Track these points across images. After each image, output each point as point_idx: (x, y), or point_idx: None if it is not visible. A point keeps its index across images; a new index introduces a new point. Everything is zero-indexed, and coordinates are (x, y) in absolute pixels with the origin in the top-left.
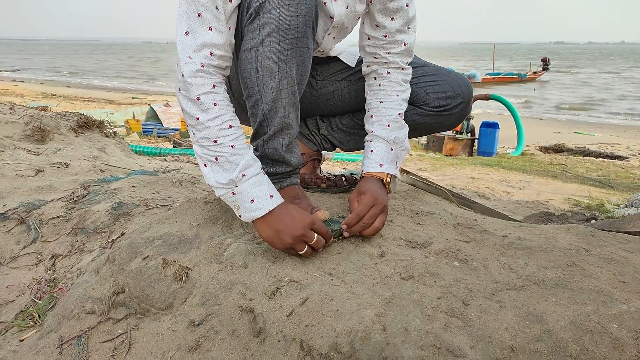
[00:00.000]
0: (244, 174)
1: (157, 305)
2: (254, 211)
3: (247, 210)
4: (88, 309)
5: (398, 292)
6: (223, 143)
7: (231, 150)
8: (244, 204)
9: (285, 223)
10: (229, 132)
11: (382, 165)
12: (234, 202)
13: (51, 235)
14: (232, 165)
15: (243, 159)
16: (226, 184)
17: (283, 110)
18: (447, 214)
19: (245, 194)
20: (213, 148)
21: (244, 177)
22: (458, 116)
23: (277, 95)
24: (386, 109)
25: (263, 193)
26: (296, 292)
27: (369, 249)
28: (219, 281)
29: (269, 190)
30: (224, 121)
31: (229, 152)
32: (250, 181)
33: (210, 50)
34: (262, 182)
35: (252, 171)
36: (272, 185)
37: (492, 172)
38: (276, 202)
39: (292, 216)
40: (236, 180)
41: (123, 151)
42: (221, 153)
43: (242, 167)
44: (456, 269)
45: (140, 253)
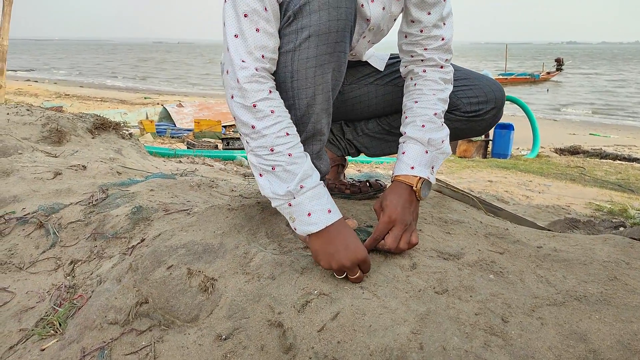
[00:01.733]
0: (302, 185)
1: (182, 317)
2: (310, 225)
3: (303, 223)
4: (110, 319)
5: (433, 307)
6: (280, 152)
7: (288, 159)
8: (300, 216)
9: (337, 249)
10: (286, 140)
11: (414, 167)
12: (290, 214)
13: (70, 240)
14: (290, 176)
15: (301, 168)
16: (283, 195)
17: (316, 116)
18: (477, 223)
19: (303, 206)
20: (270, 157)
21: (302, 188)
22: (490, 122)
23: (311, 100)
24: (420, 108)
25: (321, 207)
26: (326, 305)
27: (400, 260)
28: (245, 293)
29: (327, 204)
30: (282, 128)
31: (286, 161)
32: (308, 194)
33: (262, 52)
34: (321, 194)
35: (311, 182)
36: (330, 198)
37: (510, 175)
38: (334, 218)
39: (347, 245)
40: (294, 192)
41: (139, 153)
42: (278, 162)
43: (301, 177)
44: (492, 283)
45: (164, 262)
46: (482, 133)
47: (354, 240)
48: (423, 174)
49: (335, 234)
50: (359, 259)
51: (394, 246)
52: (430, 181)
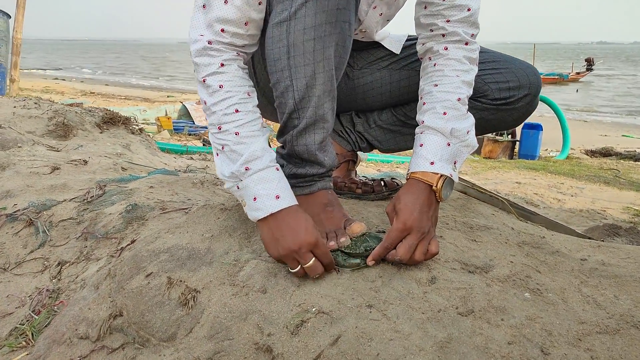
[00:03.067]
0: (248, 167)
1: (158, 334)
2: (256, 211)
3: (250, 208)
4: (81, 333)
5: (456, 332)
6: (227, 130)
7: (235, 138)
8: (248, 201)
9: (284, 233)
10: (235, 118)
11: (434, 163)
12: (241, 197)
13: (60, 239)
14: (236, 156)
15: (247, 149)
16: (229, 177)
17: (317, 99)
18: (508, 229)
19: (249, 190)
20: (219, 136)
21: (248, 170)
22: (523, 112)
23: (311, 80)
24: (442, 92)
25: (267, 192)
26: (325, 327)
27: (416, 273)
28: (231, 309)
29: (277, 189)
30: (230, 105)
31: (232, 141)
32: (254, 177)
33: (223, 26)
34: (269, 178)
35: (258, 164)
36: (284, 184)
37: (539, 177)
38: (281, 205)
39: (294, 229)
40: (238, 174)
41: (148, 149)
42: (225, 141)
43: (246, 158)
44: (528, 303)
45: (144, 269)
46: (513, 125)
47: (306, 224)
48: (445, 171)
49: (281, 220)
50: (309, 242)
51: (407, 257)
52: (453, 179)
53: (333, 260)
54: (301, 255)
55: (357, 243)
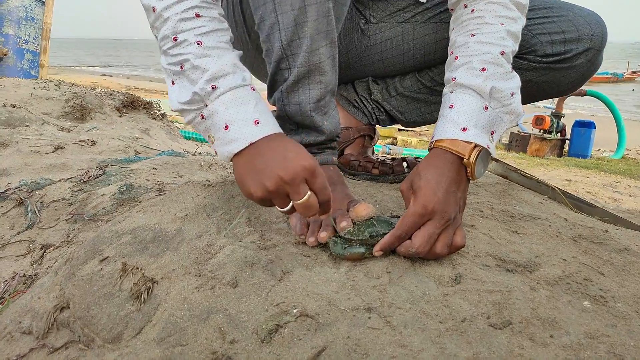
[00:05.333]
0: (215, 85)
1: (103, 334)
2: (230, 143)
3: (221, 142)
4: (25, 327)
5: (485, 351)
6: (186, 40)
7: (197, 49)
8: (216, 132)
9: (272, 160)
10: (196, 24)
11: (467, 129)
12: (207, 131)
13: (50, 221)
14: (198, 73)
15: (214, 62)
16: (188, 101)
17: (310, 40)
18: (560, 220)
19: (218, 116)
20: (174, 50)
21: (215, 90)
22: (582, 71)
23: (300, 15)
24: (480, 44)
25: (244, 116)
26: (307, 335)
27: (436, 269)
28: (191, 306)
29: (255, 112)
30: (188, 7)
31: (194, 53)
32: (224, 97)
33: None
34: (244, 99)
35: (229, 81)
36: (263, 107)
37: (592, 175)
38: (263, 131)
39: (284, 154)
40: (203, 95)
41: (168, 134)
42: (184, 56)
43: (213, 74)
44: (588, 315)
45: (100, 252)
46: (568, 90)
47: (297, 148)
48: (480, 141)
49: (266, 148)
50: (305, 167)
51: (426, 249)
52: (490, 152)
53: (330, 198)
54: (295, 187)
55: (361, 228)
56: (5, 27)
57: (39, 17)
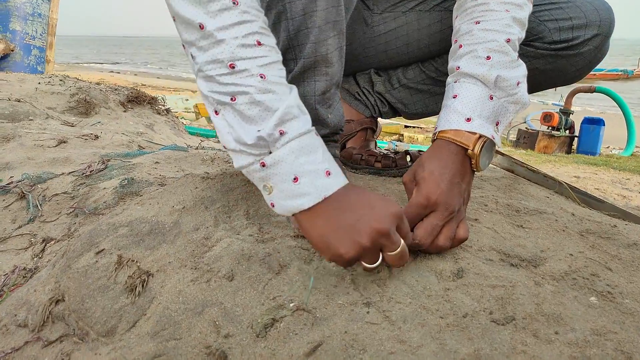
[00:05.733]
0: (283, 130)
1: (97, 327)
2: (297, 198)
3: (285, 195)
4: (20, 320)
5: (487, 348)
6: (247, 69)
7: (260, 83)
8: (281, 184)
9: (359, 214)
10: (258, 53)
11: (471, 120)
12: (264, 181)
13: (52, 215)
14: (263, 112)
15: (282, 101)
16: (252, 145)
17: (318, 31)
18: (567, 215)
19: (284, 166)
20: (228, 79)
21: (283, 135)
22: (589, 58)
23: (309, 4)
24: (485, 31)
25: (314, 167)
26: (304, 329)
27: (437, 263)
28: (186, 299)
29: (324, 162)
30: (249, 32)
31: (257, 87)
32: (293, 144)
33: None
34: (313, 147)
35: (297, 126)
36: (329, 154)
37: (601, 172)
38: (339, 183)
39: (372, 205)
40: (269, 141)
41: (173, 129)
42: (242, 88)
43: (282, 116)
44: (595, 311)
45: (96, 244)
46: (575, 78)
47: (376, 195)
48: (485, 131)
49: (345, 201)
50: (395, 215)
51: (428, 241)
52: (495, 143)
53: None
54: (392, 238)
55: None
56: (12, 23)
57: (45, 12)
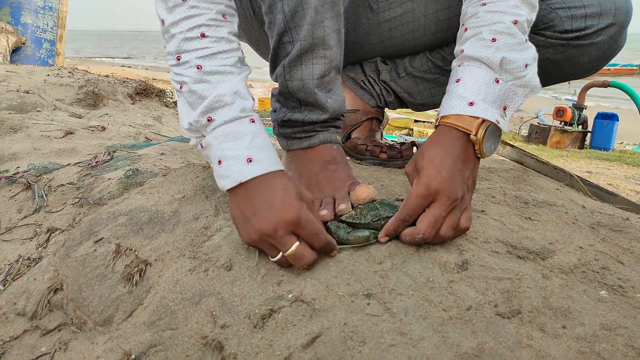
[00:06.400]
0: (211, 117)
1: (94, 316)
2: (222, 179)
3: (216, 174)
4: (19, 309)
5: (491, 341)
6: (187, 62)
7: (195, 73)
8: (213, 164)
9: (255, 209)
10: (199, 45)
11: (474, 104)
12: (207, 158)
13: (57, 205)
14: (196, 100)
15: (212, 90)
16: (187, 129)
17: (314, 12)
18: (577, 207)
19: (212, 150)
20: (177, 70)
21: (210, 122)
22: (604, 49)
23: None
24: (492, 13)
25: (236, 152)
26: (302, 320)
27: (441, 254)
28: (183, 289)
29: (248, 149)
30: (193, 26)
31: (192, 77)
32: (219, 131)
33: None
34: (239, 134)
35: (225, 114)
36: (261, 142)
37: (614, 167)
38: (254, 171)
39: (268, 203)
40: (197, 127)
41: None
42: (184, 78)
43: (209, 105)
44: (605, 305)
45: (96, 233)
46: (589, 70)
47: (283, 195)
48: (488, 115)
49: (253, 191)
50: (285, 220)
51: (432, 234)
52: (501, 128)
53: (328, 241)
54: (278, 240)
55: (363, 211)
56: (24, 16)
57: (55, 6)
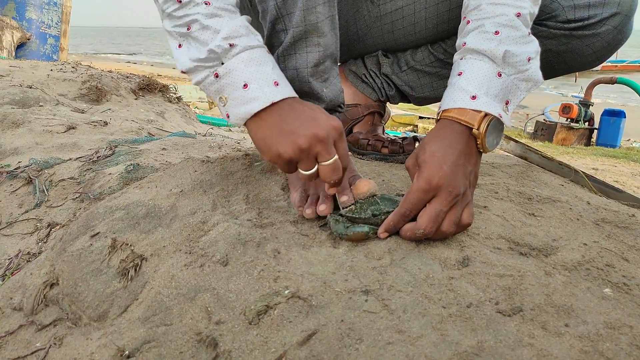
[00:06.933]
0: (233, 42)
1: (89, 311)
2: (249, 103)
3: (237, 101)
4: (15, 304)
5: (491, 340)
6: (192, 0)
7: (206, 9)
8: (233, 91)
9: (302, 120)
10: None
11: (476, 97)
12: (219, 93)
13: (58, 200)
14: (210, 34)
15: (227, 23)
16: (204, 58)
17: None
18: (582, 203)
19: (236, 74)
20: (181, 11)
21: (233, 47)
22: (608, 39)
23: None
24: (494, 5)
25: (264, 76)
26: (299, 317)
27: (442, 251)
28: (178, 284)
29: (273, 74)
30: None
31: (203, 13)
32: (243, 55)
33: None
34: (263, 59)
35: (246, 40)
36: (278, 70)
37: (620, 165)
38: (285, 92)
39: (314, 116)
40: (220, 53)
41: (184, 117)
42: (192, 16)
43: (229, 33)
44: (609, 303)
45: (92, 228)
46: (593, 62)
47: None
48: (491, 109)
49: (290, 109)
50: (335, 127)
51: (433, 229)
52: (504, 122)
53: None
54: (327, 146)
55: (363, 206)
56: (29, 12)
57: (60, 1)
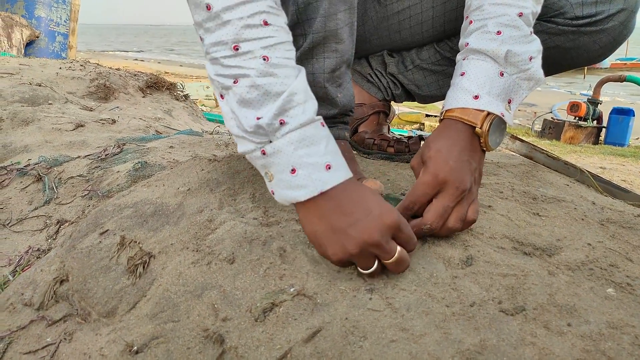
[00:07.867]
0: (284, 120)
1: (98, 307)
2: (295, 189)
3: (283, 184)
4: (26, 299)
5: (494, 338)
6: (250, 52)
7: (262, 65)
8: (279, 173)
9: (355, 218)
10: (263, 33)
11: (479, 97)
12: (265, 168)
13: (67, 197)
14: (264, 97)
15: (280, 85)
16: (251, 132)
17: (327, 4)
18: (587, 203)
19: (283, 157)
20: (232, 61)
21: (283, 125)
22: (614, 35)
23: None
24: (496, 6)
25: (314, 159)
26: (304, 314)
27: (446, 249)
28: (186, 281)
29: (326, 154)
30: (255, 12)
31: (258, 70)
32: (293, 135)
33: None
34: (316, 138)
35: (299, 116)
36: (334, 146)
37: (629, 163)
38: (337, 178)
39: (367, 210)
40: (269, 130)
41: (191, 115)
42: (244, 70)
43: (283, 104)
44: (612, 304)
45: (101, 225)
46: (599, 57)
47: (377, 198)
48: (493, 108)
49: (341, 199)
50: (392, 224)
51: (440, 223)
52: (506, 121)
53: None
54: (384, 247)
55: None
56: (38, 10)
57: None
